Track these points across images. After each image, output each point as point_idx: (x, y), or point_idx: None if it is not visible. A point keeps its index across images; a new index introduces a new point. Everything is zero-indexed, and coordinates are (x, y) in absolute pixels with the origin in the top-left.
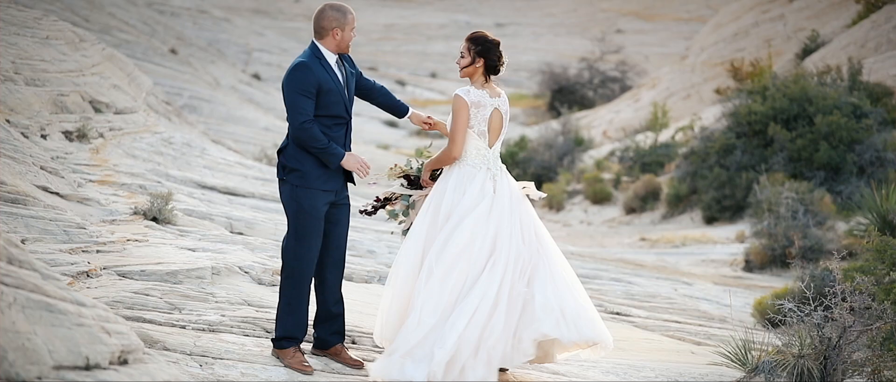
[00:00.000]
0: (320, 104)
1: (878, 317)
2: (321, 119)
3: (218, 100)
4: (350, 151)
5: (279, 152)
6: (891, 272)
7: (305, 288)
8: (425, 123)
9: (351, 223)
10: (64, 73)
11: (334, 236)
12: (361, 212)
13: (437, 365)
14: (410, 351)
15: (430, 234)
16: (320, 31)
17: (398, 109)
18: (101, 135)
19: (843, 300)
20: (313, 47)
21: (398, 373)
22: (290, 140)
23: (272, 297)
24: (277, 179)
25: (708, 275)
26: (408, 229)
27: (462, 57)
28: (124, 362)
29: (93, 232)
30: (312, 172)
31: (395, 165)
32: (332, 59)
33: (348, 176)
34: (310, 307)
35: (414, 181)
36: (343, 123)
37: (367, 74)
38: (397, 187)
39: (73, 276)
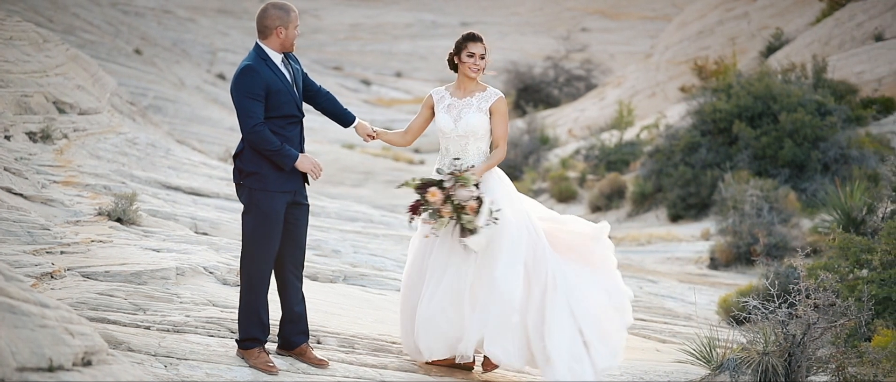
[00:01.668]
0: (271, 105)
1: (842, 314)
2: (274, 120)
3: (182, 100)
4: (304, 149)
5: (235, 156)
6: (855, 270)
7: (265, 289)
8: (369, 135)
9: (315, 223)
10: (27, 73)
11: (294, 237)
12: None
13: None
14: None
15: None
16: (264, 31)
17: (343, 118)
18: (66, 136)
19: (808, 297)
20: (257, 49)
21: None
22: (245, 144)
23: (237, 297)
24: (235, 183)
25: (673, 273)
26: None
27: (482, 58)
28: (88, 363)
29: (57, 233)
30: (270, 174)
31: (458, 172)
32: (277, 58)
33: (304, 175)
34: (271, 307)
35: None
36: (296, 122)
37: (333, 74)
38: (477, 192)
39: (36, 277)
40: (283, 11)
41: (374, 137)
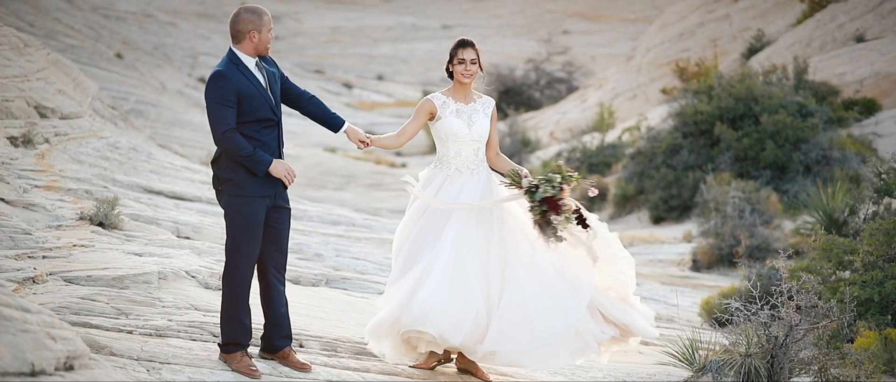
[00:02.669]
0: (245, 110)
1: (825, 316)
2: (249, 124)
3: (164, 104)
4: (283, 153)
5: (213, 162)
6: (837, 271)
7: (247, 293)
8: (362, 142)
9: (297, 227)
10: (8, 78)
11: (276, 241)
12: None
13: None
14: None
15: None
16: (237, 36)
17: (332, 123)
18: (47, 140)
19: (790, 298)
20: (230, 54)
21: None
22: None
23: (219, 301)
24: (214, 189)
25: (655, 275)
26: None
27: (473, 63)
28: (70, 368)
29: (39, 238)
30: (248, 179)
31: (566, 171)
32: (250, 63)
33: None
34: (254, 311)
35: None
36: (273, 126)
37: (314, 77)
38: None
39: (18, 282)
40: (255, 15)
41: (367, 144)
